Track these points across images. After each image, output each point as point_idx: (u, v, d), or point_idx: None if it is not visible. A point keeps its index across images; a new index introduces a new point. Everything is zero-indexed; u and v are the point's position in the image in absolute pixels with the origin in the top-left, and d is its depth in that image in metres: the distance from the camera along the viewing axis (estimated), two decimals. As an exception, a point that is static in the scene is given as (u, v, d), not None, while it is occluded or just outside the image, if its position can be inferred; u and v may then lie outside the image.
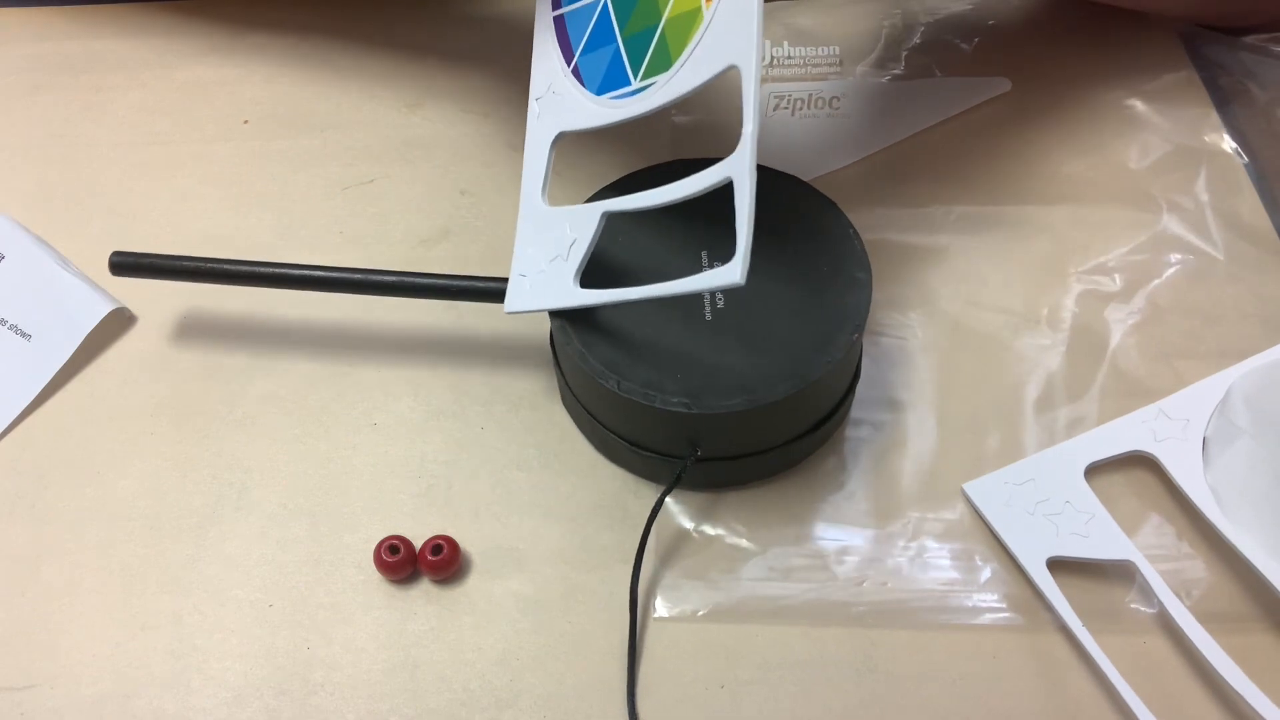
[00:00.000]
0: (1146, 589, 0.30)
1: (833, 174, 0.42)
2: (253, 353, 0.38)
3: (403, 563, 0.32)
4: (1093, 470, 0.33)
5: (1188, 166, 0.41)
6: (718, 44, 0.29)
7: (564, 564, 0.32)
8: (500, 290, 0.34)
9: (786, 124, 0.44)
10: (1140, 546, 0.31)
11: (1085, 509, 0.32)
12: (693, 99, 0.44)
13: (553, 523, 0.33)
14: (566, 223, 0.32)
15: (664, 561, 0.32)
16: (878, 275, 0.34)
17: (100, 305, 0.38)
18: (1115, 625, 0.30)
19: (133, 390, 0.37)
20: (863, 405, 0.35)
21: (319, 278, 0.35)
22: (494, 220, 0.42)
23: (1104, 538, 0.31)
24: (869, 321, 0.33)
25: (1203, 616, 0.30)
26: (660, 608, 0.31)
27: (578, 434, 0.35)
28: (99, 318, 0.38)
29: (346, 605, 0.32)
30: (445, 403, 0.36)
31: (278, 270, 0.35)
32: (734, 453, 0.32)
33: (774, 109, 0.44)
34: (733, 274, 0.27)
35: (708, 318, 0.32)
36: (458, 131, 0.45)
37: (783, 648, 0.31)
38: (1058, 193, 0.41)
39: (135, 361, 0.38)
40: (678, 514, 0.33)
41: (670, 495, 0.33)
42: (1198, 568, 0.31)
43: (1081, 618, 0.30)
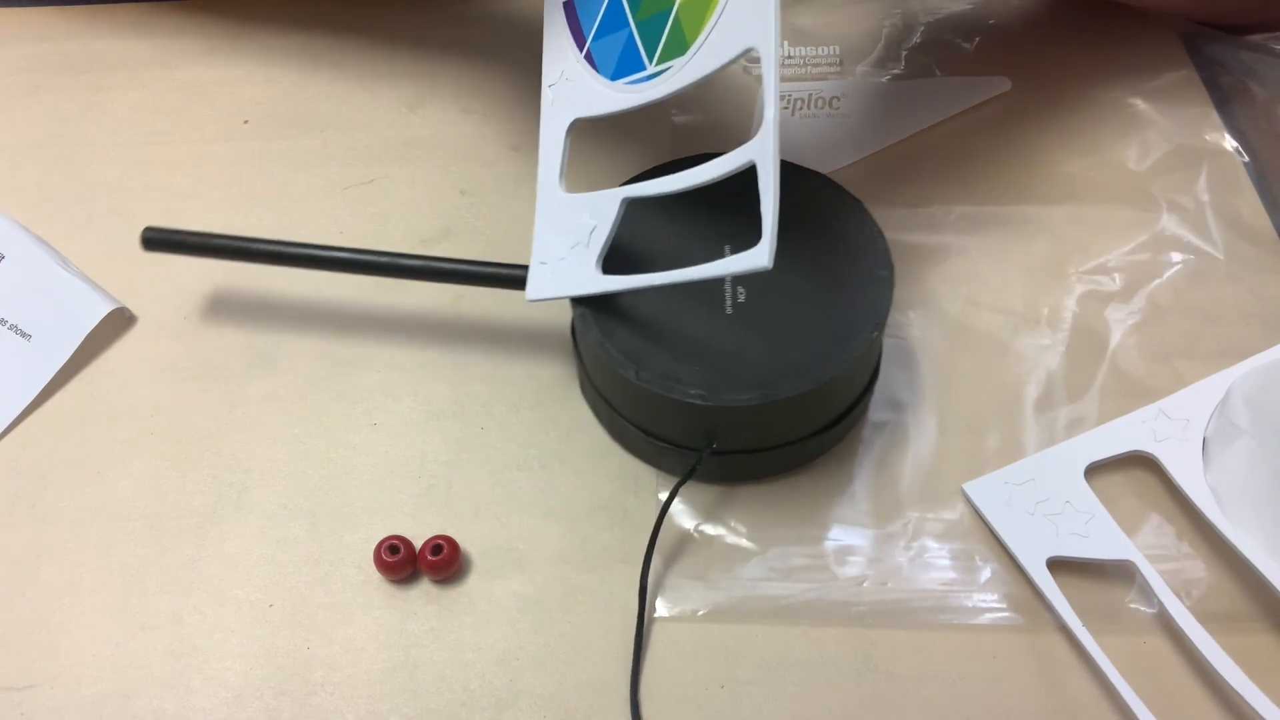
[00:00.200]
0: (1146, 589, 0.30)
1: (833, 174, 0.41)
2: (253, 353, 0.38)
3: (403, 563, 0.32)
4: (1093, 470, 0.33)
5: (1188, 166, 0.41)
6: (735, 26, 0.28)
7: (564, 564, 0.32)
8: (520, 277, 0.34)
9: (787, 124, 0.44)
10: (1140, 546, 0.31)
11: (1085, 509, 0.32)
12: (694, 98, 0.44)
13: (553, 523, 0.33)
14: (586, 210, 0.32)
15: (664, 561, 0.32)
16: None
17: (100, 305, 0.38)
18: (1115, 625, 0.30)
19: (133, 390, 0.37)
20: (863, 405, 0.35)
21: (345, 259, 0.35)
22: (494, 220, 0.42)
23: (1104, 538, 0.31)
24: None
25: (1203, 616, 0.30)
26: (660, 607, 0.31)
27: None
28: (99, 318, 0.38)
29: (346, 605, 0.32)
30: (445, 403, 0.36)
31: (305, 251, 0.36)
32: (750, 447, 0.32)
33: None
34: (760, 257, 0.26)
35: (729, 311, 0.32)
36: (458, 131, 0.45)
37: (783, 648, 0.31)
38: (1058, 193, 0.41)
39: (135, 361, 0.38)
40: (678, 514, 0.33)
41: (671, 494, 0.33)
42: (1198, 568, 0.31)
43: (1081, 618, 0.30)
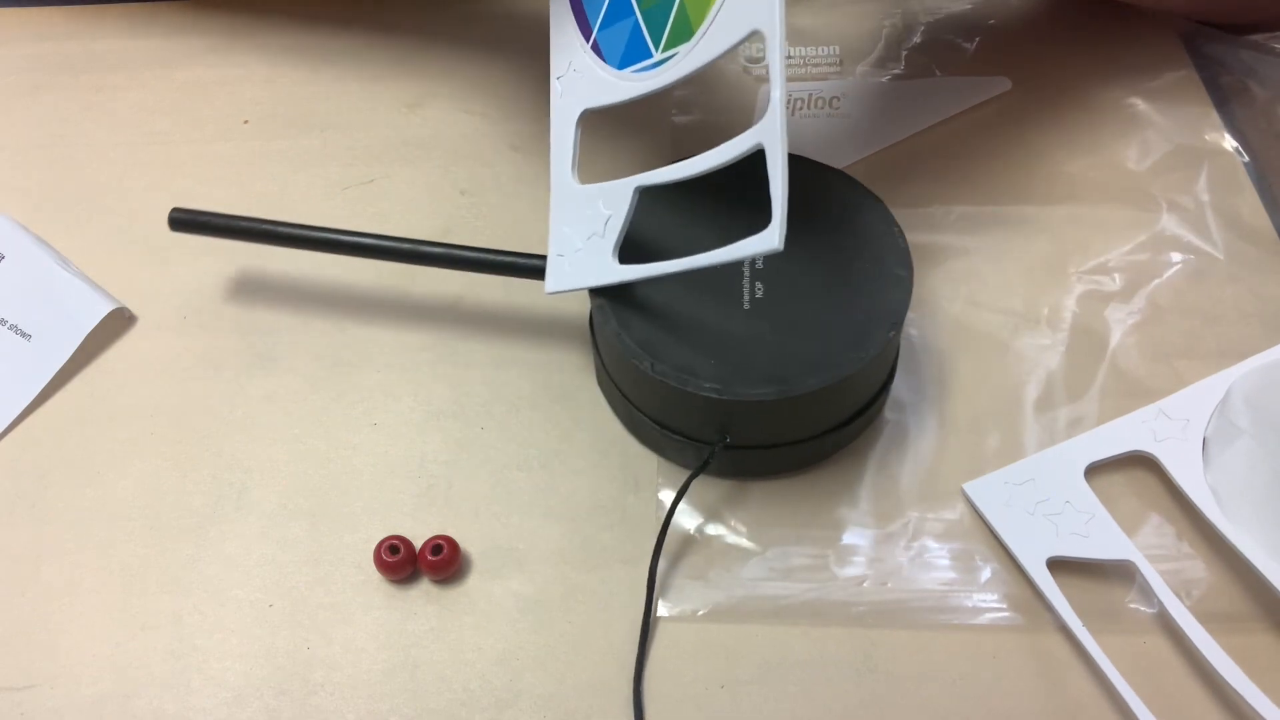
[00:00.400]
0: (1146, 589, 0.30)
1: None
2: (253, 353, 0.38)
3: (403, 563, 0.32)
4: (1093, 470, 0.33)
5: (1188, 166, 0.41)
6: (739, 9, 0.28)
7: (564, 564, 0.32)
8: (539, 267, 0.34)
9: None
10: (1140, 546, 0.31)
11: (1085, 509, 0.32)
12: (694, 99, 0.44)
13: (553, 523, 0.33)
14: (600, 200, 0.32)
15: (664, 561, 0.32)
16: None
17: (100, 305, 0.38)
18: (1115, 625, 0.30)
19: (133, 390, 0.37)
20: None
21: (366, 244, 0.36)
22: (494, 220, 0.42)
23: (1104, 538, 0.31)
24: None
25: (1203, 616, 0.30)
26: (660, 607, 0.31)
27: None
28: (99, 318, 0.38)
29: (346, 605, 0.32)
30: (445, 403, 0.36)
31: (327, 235, 0.36)
32: (763, 442, 0.32)
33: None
34: (771, 240, 0.26)
35: (746, 306, 0.32)
36: (458, 131, 0.45)
37: (783, 648, 0.31)
38: (1058, 193, 0.41)
39: (135, 361, 0.38)
40: (679, 513, 0.33)
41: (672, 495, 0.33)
42: (1198, 568, 0.31)
43: (1081, 618, 0.30)
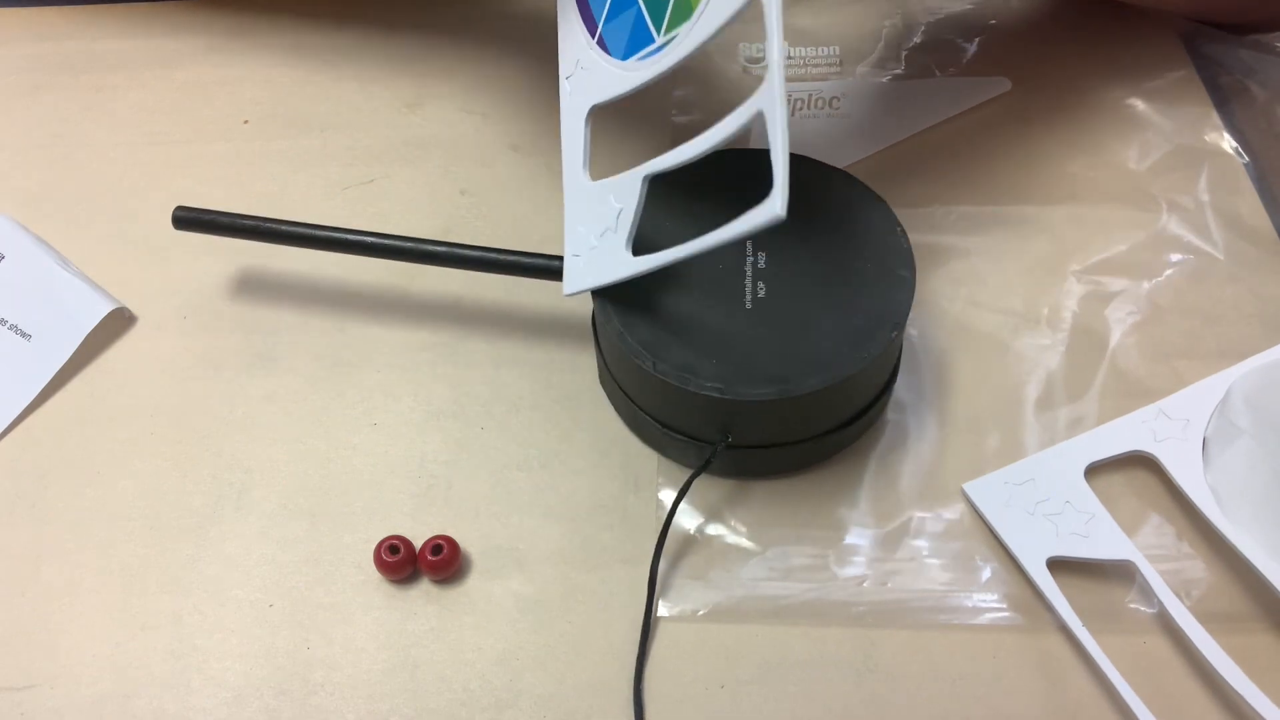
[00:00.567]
0: (1146, 589, 0.30)
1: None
2: (253, 353, 0.38)
3: (403, 563, 0.32)
4: (1093, 470, 0.33)
5: (1188, 166, 0.41)
6: None
7: (564, 564, 0.32)
8: (551, 268, 0.34)
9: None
10: (1140, 546, 0.31)
11: (1085, 509, 0.32)
12: (694, 99, 0.44)
13: (553, 523, 0.33)
14: (611, 194, 0.32)
15: (665, 561, 0.32)
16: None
17: (100, 305, 0.38)
18: (1115, 625, 0.30)
19: (133, 390, 0.37)
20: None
21: (372, 244, 0.35)
22: (494, 220, 0.42)
23: (1104, 538, 0.31)
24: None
25: (1203, 616, 0.30)
26: (660, 607, 0.31)
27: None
28: (99, 318, 0.38)
29: (346, 605, 0.32)
30: (445, 403, 0.36)
31: (332, 234, 0.36)
32: (765, 442, 0.32)
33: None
34: (774, 207, 0.26)
35: (748, 306, 0.32)
36: (458, 131, 0.45)
37: (783, 648, 0.31)
38: (1058, 193, 0.41)
39: (135, 361, 0.38)
40: (680, 513, 0.33)
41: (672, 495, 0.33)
42: (1198, 568, 0.31)
43: (1081, 618, 0.30)
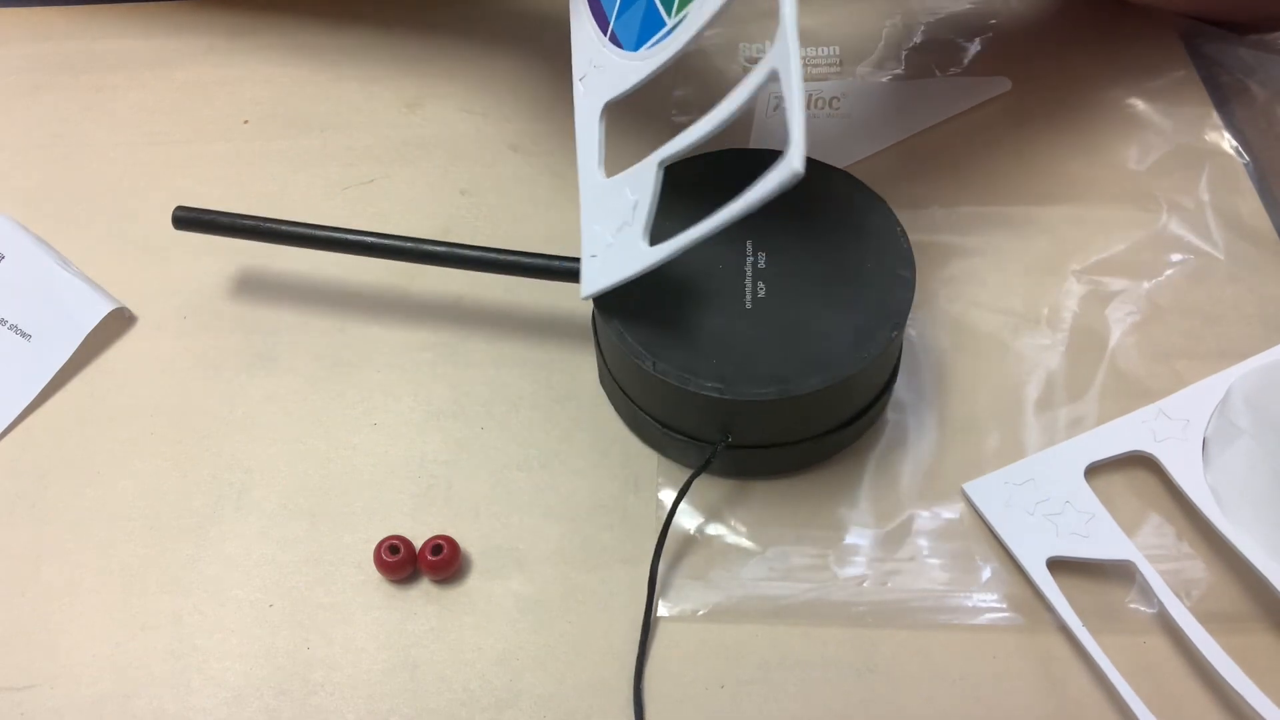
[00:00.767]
0: (1146, 589, 0.30)
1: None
2: (253, 353, 0.38)
3: (403, 563, 0.32)
4: (1093, 470, 0.33)
5: (1188, 166, 0.41)
6: None
7: (564, 564, 0.32)
8: (555, 268, 0.34)
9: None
10: (1140, 546, 0.31)
11: (1085, 509, 0.32)
12: (694, 100, 0.44)
13: (553, 523, 0.33)
14: (626, 186, 0.31)
15: (664, 561, 0.32)
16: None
17: (100, 305, 0.38)
18: (1115, 625, 0.30)
19: (133, 390, 0.37)
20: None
21: (373, 244, 0.35)
22: (494, 220, 0.42)
23: (1104, 538, 0.31)
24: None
25: (1203, 616, 0.30)
26: (660, 607, 0.31)
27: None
28: (99, 318, 0.38)
29: (346, 605, 0.32)
30: (445, 403, 0.36)
31: (333, 234, 0.36)
32: (765, 442, 0.32)
33: (774, 109, 0.44)
34: (792, 164, 0.26)
35: (748, 306, 0.32)
36: (458, 131, 0.45)
37: (783, 648, 0.31)
38: (1058, 193, 0.41)
39: (135, 361, 0.38)
40: (679, 513, 0.33)
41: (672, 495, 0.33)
42: (1198, 568, 0.31)
43: (1081, 618, 0.30)
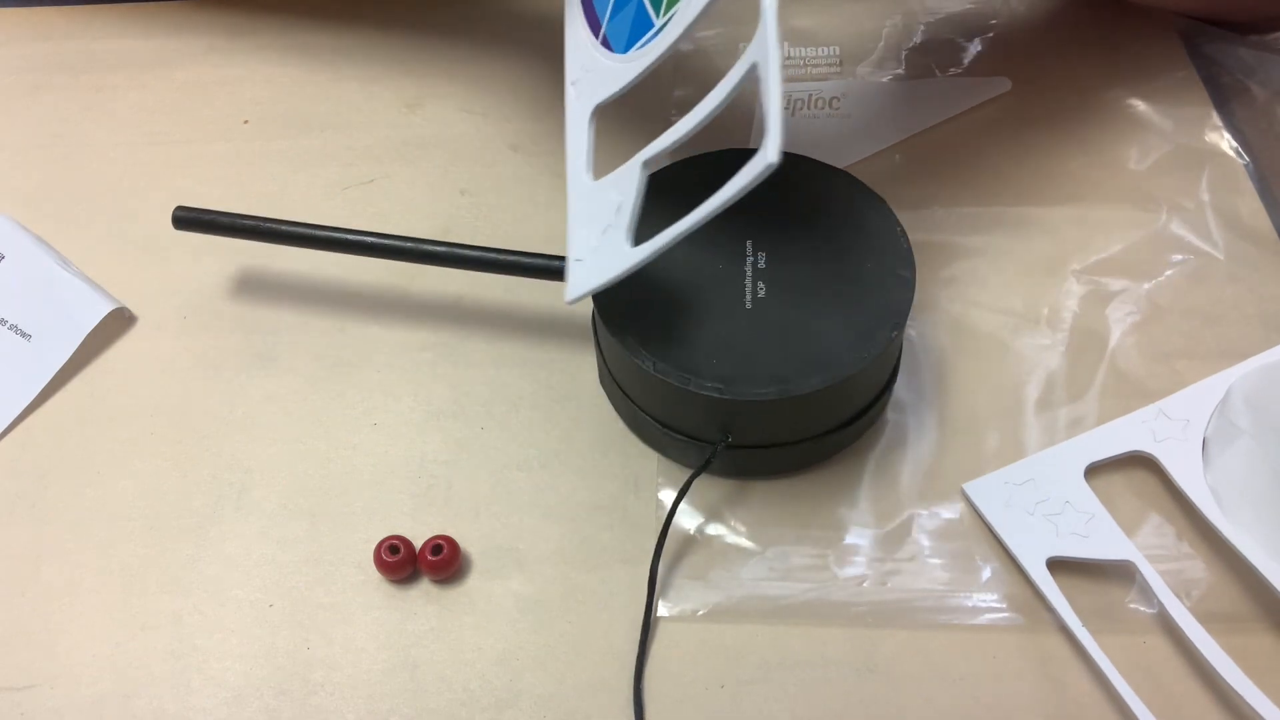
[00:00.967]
0: (1146, 589, 0.30)
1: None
2: (253, 353, 0.38)
3: (403, 563, 0.32)
4: (1093, 470, 0.33)
5: (1188, 166, 0.41)
6: None
7: (564, 564, 0.32)
8: (554, 268, 0.34)
9: (786, 124, 0.43)
10: (1140, 546, 0.31)
11: (1085, 509, 0.32)
12: (694, 100, 0.44)
13: (553, 523, 0.33)
14: (613, 188, 0.31)
15: (664, 561, 0.32)
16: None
17: (100, 305, 0.38)
18: (1115, 625, 0.30)
19: (133, 390, 0.37)
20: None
21: (372, 243, 0.36)
22: (494, 220, 0.42)
23: (1104, 538, 0.31)
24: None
25: (1203, 616, 0.30)
26: (660, 607, 0.31)
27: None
28: (99, 318, 0.38)
29: (346, 605, 0.32)
30: (445, 403, 0.36)
31: (333, 234, 0.36)
32: (765, 442, 0.32)
33: (774, 109, 0.44)
34: (767, 155, 0.26)
35: (748, 306, 0.32)
36: (458, 131, 0.45)
37: (783, 648, 0.31)
38: (1058, 193, 0.41)
39: (135, 361, 0.38)
40: (679, 513, 0.33)
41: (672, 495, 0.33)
42: (1198, 568, 0.31)
43: (1081, 618, 0.30)
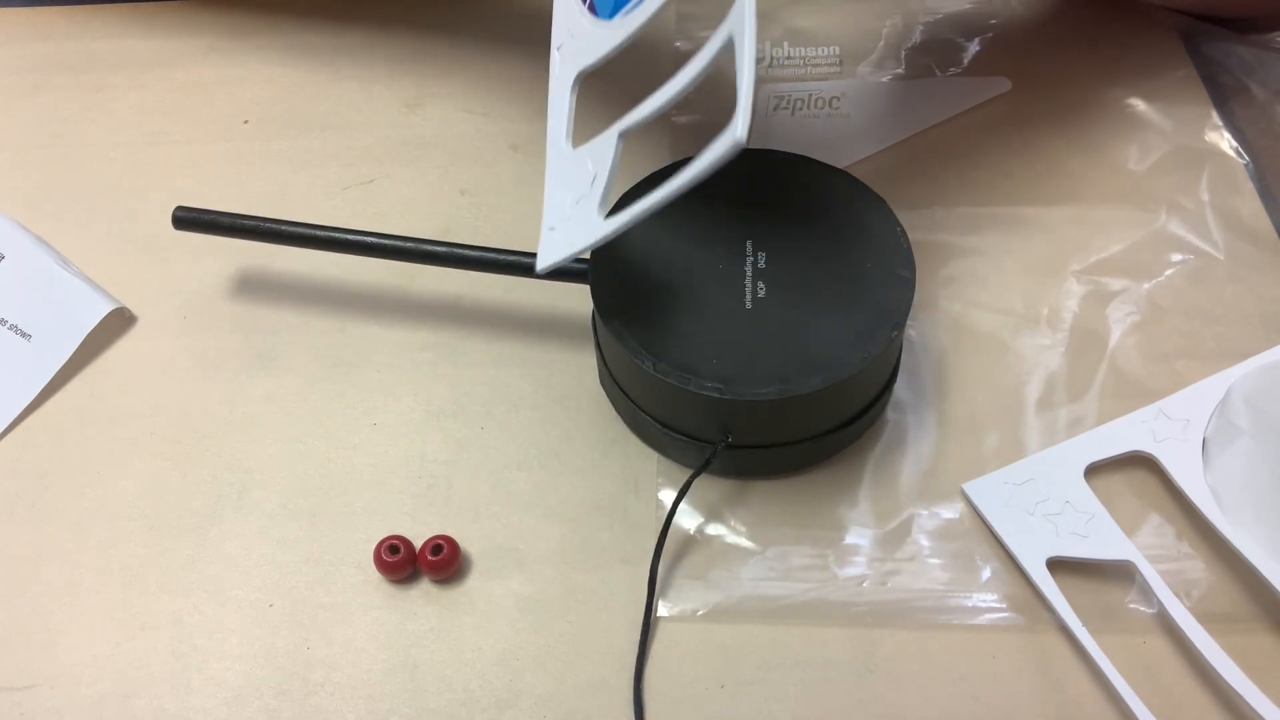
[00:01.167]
0: (1146, 589, 0.30)
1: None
2: (253, 353, 0.38)
3: (403, 563, 0.32)
4: (1093, 470, 0.33)
5: (1188, 166, 0.41)
6: None
7: (564, 564, 0.32)
8: (570, 270, 0.33)
9: (786, 124, 0.44)
10: (1140, 546, 0.31)
11: (1085, 509, 0.32)
12: (693, 100, 0.44)
13: (553, 523, 0.33)
14: (589, 158, 0.31)
15: (664, 561, 0.32)
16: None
17: (100, 305, 0.38)
18: (1115, 625, 0.30)
19: (133, 390, 0.37)
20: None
21: (371, 243, 0.36)
22: (494, 220, 0.42)
23: (1104, 538, 0.31)
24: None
25: (1203, 616, 0.30)
26: (660, 607, 0.31)
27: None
28: (99, 318, 0.38)
29: (346, 605, 0.32)
30: (445, 403, 0.36)
31: (332, 234, 0.36)
32: (765, 442, 0.32)
33: (774, 109, 0.44)
34: (734, 132, 0.25)
35: (748, 306, 0.32)
36: (458, 131, 0.45)
37: (783, 648, 0.31)
38: (1058, 193, 0.41)
39: (135, 361, 0.38)
40: (679, 513, 0.33)
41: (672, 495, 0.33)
42: (1198, 568, 0.31)
43: (1081, 618, 0.30)
